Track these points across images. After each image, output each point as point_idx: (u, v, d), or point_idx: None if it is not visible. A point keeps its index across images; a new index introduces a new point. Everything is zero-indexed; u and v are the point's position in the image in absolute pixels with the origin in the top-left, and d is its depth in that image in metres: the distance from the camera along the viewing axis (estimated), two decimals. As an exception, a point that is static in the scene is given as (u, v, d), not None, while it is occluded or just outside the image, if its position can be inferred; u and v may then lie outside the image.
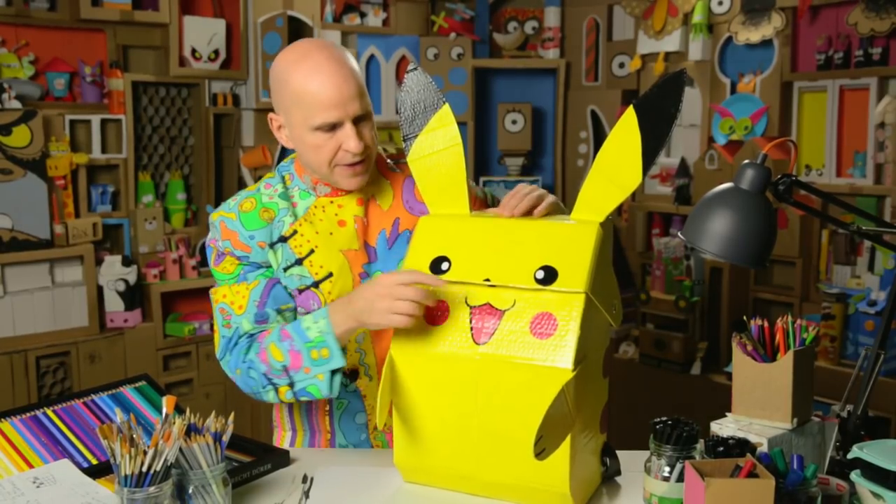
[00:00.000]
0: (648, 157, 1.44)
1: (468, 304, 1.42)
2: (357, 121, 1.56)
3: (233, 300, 1.61)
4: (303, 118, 1.55)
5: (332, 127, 1.55)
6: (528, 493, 1.41)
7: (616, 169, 1.45)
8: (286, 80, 1.56)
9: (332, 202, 1.65)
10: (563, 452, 1.33)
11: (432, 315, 1.43)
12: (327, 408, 1.71)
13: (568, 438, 1.34)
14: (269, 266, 1.63)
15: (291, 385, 1.54)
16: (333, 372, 1.51)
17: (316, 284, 1.62)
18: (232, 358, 1.60)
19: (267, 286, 1.61)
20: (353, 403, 1.71)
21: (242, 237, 1.61)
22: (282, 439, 1.81)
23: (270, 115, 1.65)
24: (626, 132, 1.45)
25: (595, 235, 1.42)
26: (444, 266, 1.45)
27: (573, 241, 1.43)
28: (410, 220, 1.66)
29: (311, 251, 1.62)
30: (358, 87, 1.56)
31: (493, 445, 1.39)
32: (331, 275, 1.62)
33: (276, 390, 1.56)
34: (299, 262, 1.62)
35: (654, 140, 1.43)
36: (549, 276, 1.39)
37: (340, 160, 1.58)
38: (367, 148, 1.58)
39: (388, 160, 1.75)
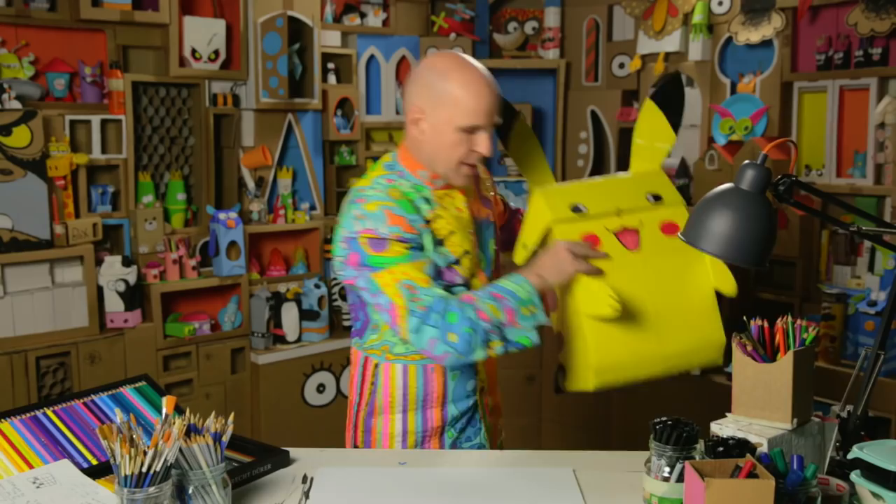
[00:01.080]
0: (675, 126, 2.01)
1: (609, 231, 1.88)
2: (492, 128, 1.82)
3: (415, 276, 1.74)
4: (448, 118, 1.77)
5: (472, 130, 1.78)
6: (695, 353, 1.88)
7: (654, 135, 2.01)
8: (439, 82, 1.78)
9: (447, 194, 1.88)
10: (713, 308, 1.88)
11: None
12: (443, 379, 1.91)
13: (713, 295, 1.89)
14: (425, 248, 1.81)
15: (504, 339, 1.76)
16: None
17: (457, 262, 1.85)
18: (441, 325, 1.71)
19: (432, 266, 1.80)
20: (465, 371, 1.93)
21: (410, 221, 1.78)
22: (391, 424, 1.92)
23: (412, 106, 1.83)
24: (651, 114, 2.02)
25: (663, 175, 2.01)
26: (582, 208, 1.90)
27: (652, 179, 1.99)
28: (486, 211, 2.00)
29: (451, 233, 1.85)
30: (499, 102, 1.81)
31: (665, 321, 1.83)
32: (467, 252, 1.87)
33: (489, 346, 1.75)
34: (440, 243, 1.83)
35: (674, 116, 2.01)
36: (656, 198, 1.95)
37: (467, 159, 1.81)
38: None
39: None
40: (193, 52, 3.57)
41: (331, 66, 4.08)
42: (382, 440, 1.93)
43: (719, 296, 1.90)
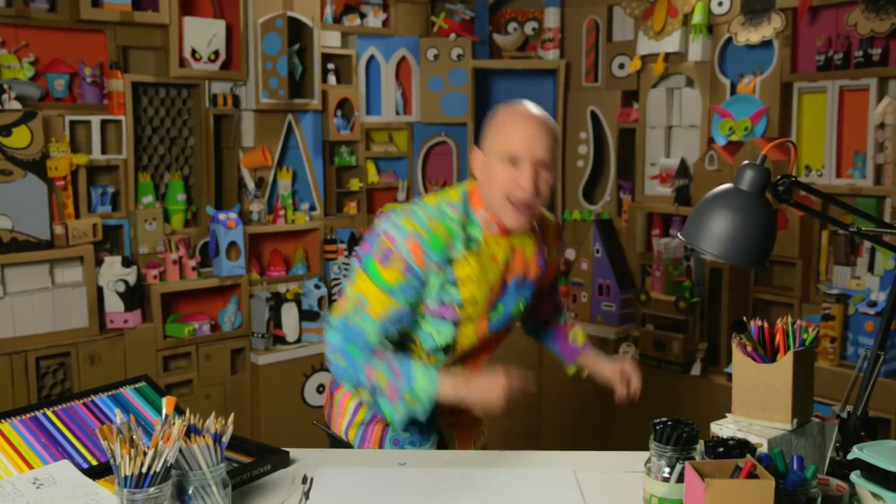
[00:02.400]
0: None
1: None
2: (537, 166, 1.78)
3: (375, 304, 1.76)
4: (492, 146, 1.82)
5: (514, 161, 1.78)
6: None
7: None
8: (493, 118, 1.87)
9: (496, 241, 1.87)
10: None
11: None
12: None
13: None
14: (421, 289, 1.79)
15: (374, 398, 1.79)
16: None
17: (461, 305, 1.83)
18: (341, 341, 1.77)
19: (406, 312, 1.79)
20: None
21: (426, 258, 1.78)
22: (348, 399, 1.99)
23: (474, 150, 1.91)
24: None
25: None
26: None
27: None
28: (534, 273, 1.96)
29: (469, 278, 1.83)
30: (548, 144, 1.80)
31: None
32: (476, 302, 1.85)
33: (359, 391, 1.82)
34: (454, 283, 1.82)
35: None
36: None
37: (511, 193, 1.78)
38: (536, 193, 1.79)
39: (548, 216, 2.06)
40: (193, 52, 3.57)
41: (331, 66, 4.08)
42: (339, 410, 2.02)
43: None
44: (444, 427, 1.99)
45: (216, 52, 3.63)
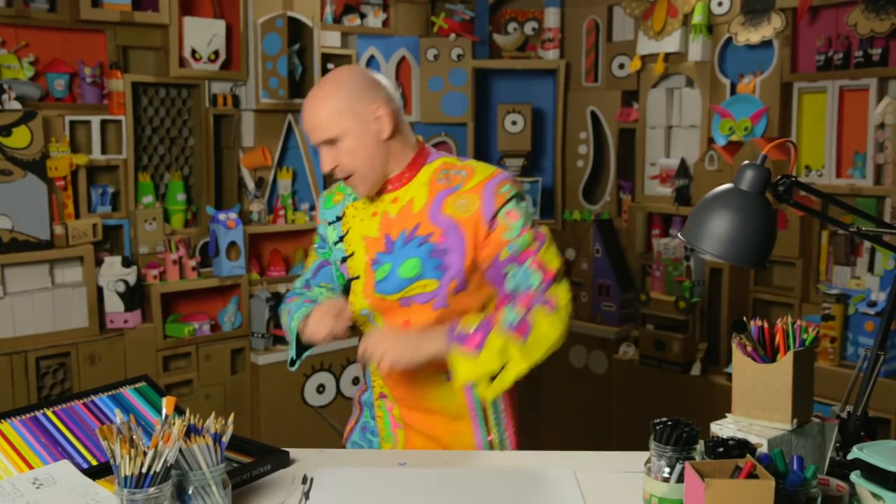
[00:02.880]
0: None
1: None
2: (327, 143, 1.81)
3: (309, 261, 2.08)
4: None
5: (319, 146, 1.84)
6: None
7: None
8: None
9: (378, 196, 1.90)
10: None
11: None
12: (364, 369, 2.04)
13: None
14: (325, 245, 2.01)
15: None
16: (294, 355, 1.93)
17: (344, 260, 1.93)
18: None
19: (319, 265, 2.03)
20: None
21: (320, 215, 2.02)
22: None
23: None
24: None
25: None
26: None
27: None
28: (427, 228, 1.83)
29: (347, 232, 1.93)
30: (323, 122, 1.79)
31: None
32: (353, 254, 1.91)
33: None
34: (341, 239, 1.95)
35: None
36: None
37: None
38: (338, 169, 1.83)
39: (444, 171, 1.87)
40: (193, 52, 3.57)
41: (331, 66, 4.07)
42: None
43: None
44: (387, 426, 1.99)
45: (216, 52, 3.63)
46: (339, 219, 1.96)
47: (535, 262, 1.78)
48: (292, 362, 1.95)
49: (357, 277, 1.90)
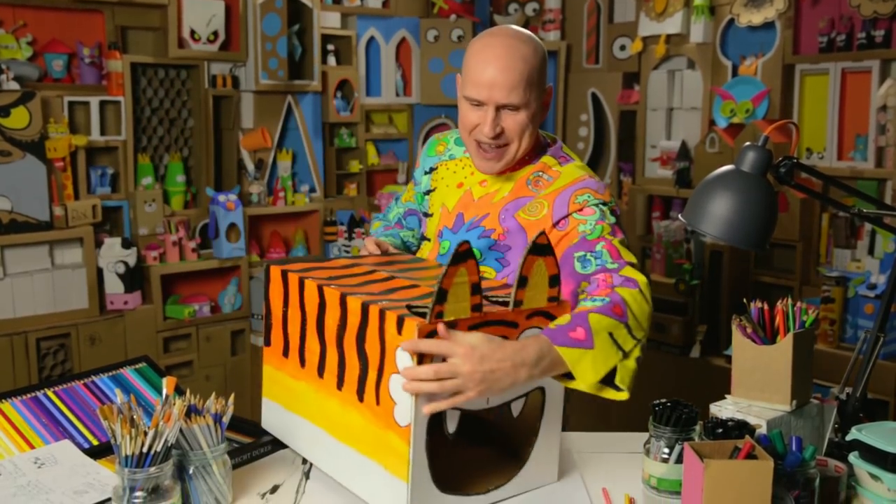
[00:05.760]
0: None
1: None
2: (501, 108, 1.64)
3: (405, 196, 2.03)
4: (462, 84, 1.70)
5: (477, 104, 1.65)
6: None
7: None
8: (470, 48, 1.70)
9: (470, 166, 1.80)
10: None
11: None
12: None
13: None
14: (417, 189, 1.95)
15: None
16: None
17: (427, 216, 1.90)
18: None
19: (408, 210, 2.01)
20: None
21: (422, 160, 1.94)
22: None
23: (458, 75, 1.78)
24: None
25: None
26: None
27: None
28: (493, 223, 1.73)
29: (433, 190, 1.89)
30: (513, 82, 1.61)
31: None
32: (431, 215, 1.88)
33: None
34: (428, 192, 1.90)
35: None
36: None
37: (476, 135, 1.68)
38: (501, 136, 1.65)
39: (537, 174, 1.74)
40: (192, 33, 3.55)
41: (330, 47, 4.06)
42: None
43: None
44: None
45: (215, 33, 3.61)
46: (432, 170, 1.89)
47: (607, 245, 1.62)
48: None
49: (428, 240, 1.87)
